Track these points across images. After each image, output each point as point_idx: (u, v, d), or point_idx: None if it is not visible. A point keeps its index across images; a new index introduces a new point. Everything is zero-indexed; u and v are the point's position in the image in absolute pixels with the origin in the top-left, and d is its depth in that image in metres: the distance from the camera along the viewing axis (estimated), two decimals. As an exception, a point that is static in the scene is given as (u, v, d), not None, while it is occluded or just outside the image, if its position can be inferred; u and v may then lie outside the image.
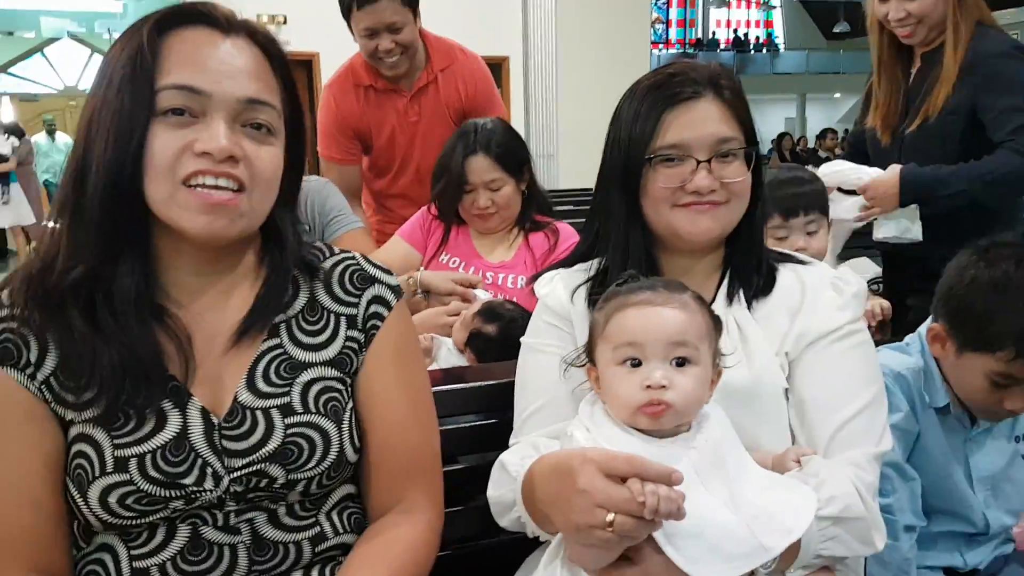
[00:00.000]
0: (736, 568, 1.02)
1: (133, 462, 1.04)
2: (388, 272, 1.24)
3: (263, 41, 1.08)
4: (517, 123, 9.21)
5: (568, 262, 1.42)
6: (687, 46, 22.93)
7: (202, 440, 1.08)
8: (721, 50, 23.09)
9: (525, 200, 2.33)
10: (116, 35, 1.10)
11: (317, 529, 1.14)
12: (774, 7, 23.46)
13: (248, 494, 1.09)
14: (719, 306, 1.30)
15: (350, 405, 1.17)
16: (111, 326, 1.05)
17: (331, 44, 10.41)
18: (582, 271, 1.37)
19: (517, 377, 1.37)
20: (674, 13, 23.02)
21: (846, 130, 13.45)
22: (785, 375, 1.26)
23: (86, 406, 1.06)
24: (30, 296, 1.06)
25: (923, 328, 1.55)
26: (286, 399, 1.12)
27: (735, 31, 23.38)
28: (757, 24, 23.69)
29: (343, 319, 1.18)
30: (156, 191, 1.02)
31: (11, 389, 1.05)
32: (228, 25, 1.06)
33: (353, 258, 1.23)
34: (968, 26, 2.26)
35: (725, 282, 1.33)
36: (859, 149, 2.61)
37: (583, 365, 1.20)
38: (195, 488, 1.06)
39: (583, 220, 1.44)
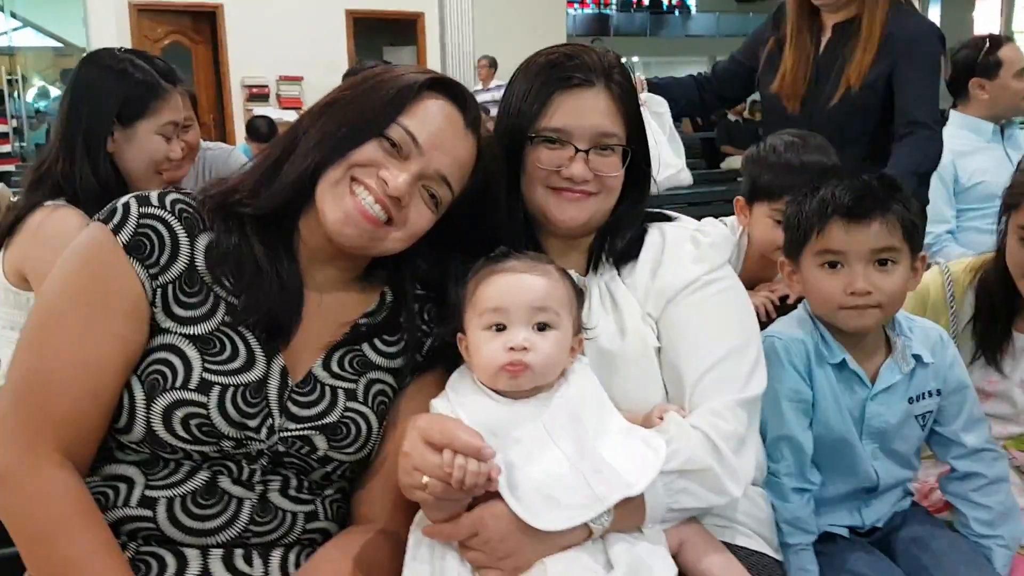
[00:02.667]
0: (570, 517, 1.08)
1: (216, 389, 1.14)
2: None
3: (484, 148, 1.27)
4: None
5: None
6: (602, 6, 22.95)
7: (275, 394, 1.19)
8: (635, 10, 23.19)
9: None
10: None
11: (313, 508, 1.23)
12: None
13: (284, 457, 1.19)
14: (590, 276, 1.35)
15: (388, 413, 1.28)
16: (280, 255, 1.21)
17: (236, 3, 10.05)
18: None
19: None
20: (589, -28, 22.99)
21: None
22: (655, 334, 1.29)
23: (191, 322, 1.16)
24: (214, 203, 1.21)
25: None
26: (352, 386, 1.25)
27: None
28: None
29: (412, 341, 1.30)
30: (331, 173, 1.19)
31: (129, 279, 1.14)
32: (468, 114, 1.24)
33: (432, 297, 1.34)
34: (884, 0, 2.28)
35: (594, 254, 1.36)
36: (724, 79, 2.65)
37: (455, 335, 1.23)
38: (251, 435, 1.16)
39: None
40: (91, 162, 1.84)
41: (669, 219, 1.41)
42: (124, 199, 1.18)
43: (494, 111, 1.49)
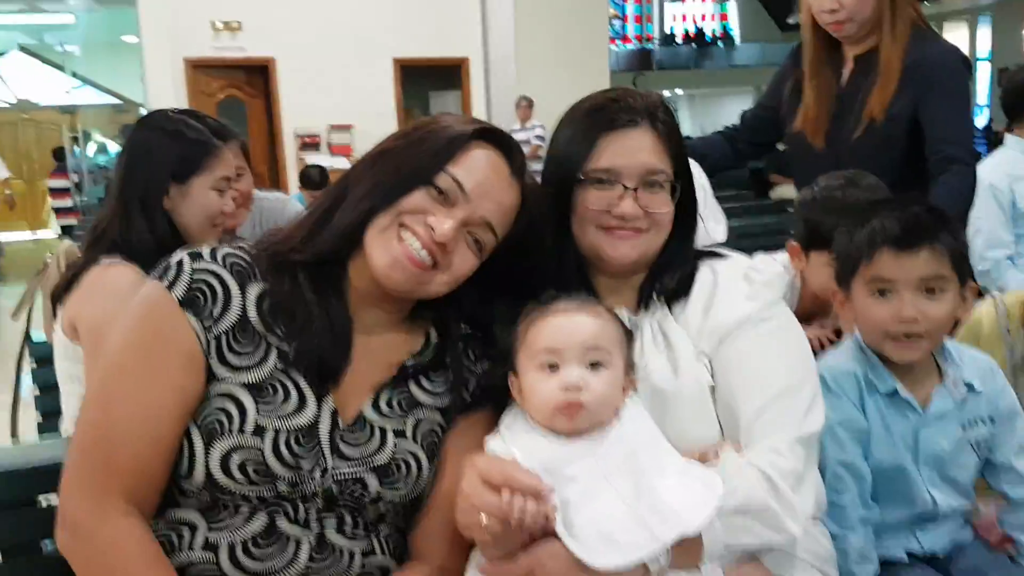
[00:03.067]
0: (627, 556, 1.09)
1: (270, 433, 1.19)
2: None
3: (529, 194, 1.31)
4: (478, 123, 9.12)
5: None
6: (644, 41, 23.07)
7: (327, 436, 1.23)
8: (677, 44, 23.26)
9: None
10: (69, 47, 1.20)
11: (369, 544, 1.26)
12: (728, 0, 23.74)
13: (338, 498, 1.23)
14: (641, 315, 1.36)
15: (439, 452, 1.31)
16: (329, 299, 1.26)
17: (286, 49, 10.35)
18: None
19: None
20: (631, 8, 23.16)
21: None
22: (709, 372, 1.30)
23: (245, 370, 1.21)
24: (268, 254, 1.27)
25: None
26: (401, 425, 1.29)
27: (694, 25, 23.59)
28: (713, 17, 23.90)
29: (459, 379, 1.34)
30: (380, 220, 1.23)
31: (185, 333, 1.20)
32: (513, 162, 1.29)
33: (478, 337, 1.38)
34: (904, 26, 2.24)
35: (646, 293, 1.38)
36: (754, 126, 2.59)
37: (506, 377, 1.26)
38: (305, 475, 1.20)
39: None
40: (148, 220, 1.91)
41: (720, 256, 1.42)
42: (177, 256, 1.24)
43: (527, 149, 1.52)
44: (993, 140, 8.53)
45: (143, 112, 10.72)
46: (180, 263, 1.23)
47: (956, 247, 1.45)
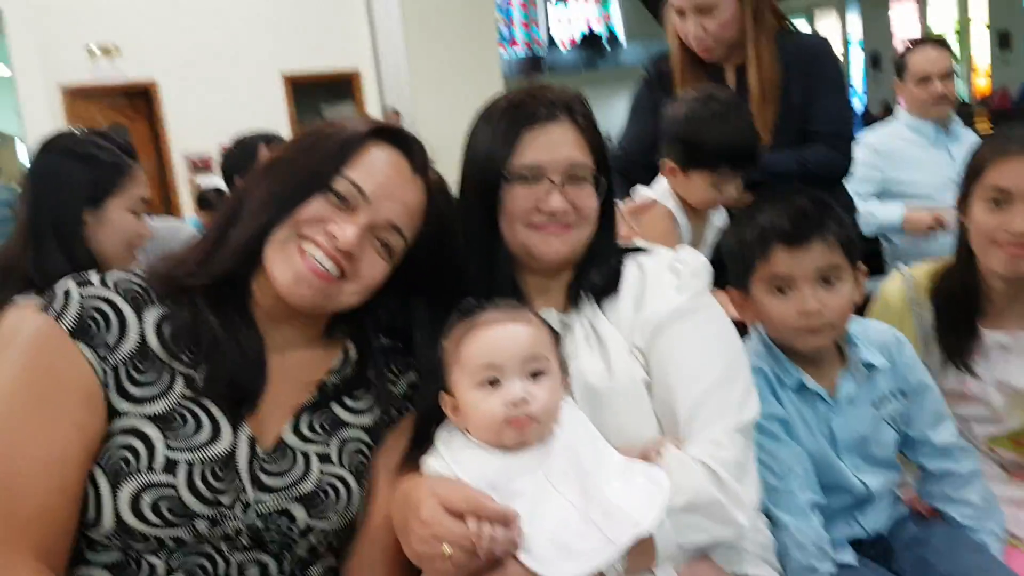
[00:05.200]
0: (585, 564, 1.07)
1: (183, 466, 1.09)
2: None
3: (435, 190, 1.27)
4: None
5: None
6: (533, 46, 23.29)
7: (245, 466, 1.15)
8: (565, 48, 23.58)
9: None
10: None
11: None
12: (609, 1, 24.17)
13: (264, 532, 1.15)
14: (572, 313, 1.35)
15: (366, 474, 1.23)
16: (234, 320, 1.18)
17: (168, 70, 10.04)
18: None
19: None
20: (517, 14, 23.36)
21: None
22: (643, 367, 1.29)
23: (148, 400, 1.12)
24: (162, 278, 1.18)
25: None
26: (325, 448, 1.22)
27: (582, 28, 23.95)
28: (598, 21, 24.32)
29: (383, 395, 1.28)
30: (278, 233, 1.16)
31: (79, 366, 1.10)
32: (414, 159, 1.24)
33: (398, 349, 1.33)
34: (768, 41, 2.27)
35: (574, 290, 1.36)
36: (630, 169, 2.40)
37: (432, 391, 1.21)
38: (226, 510, 1.12)
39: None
40: (64, 249, 1.81)
41: (643, 251, 1.42)
42: (63, 284, 1.14)
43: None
44: (869, 123, 8.95)
45: (20, 146, 10.20)
46: (67, 291, 1.13)
47: (845, 233, 1.48)
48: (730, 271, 1.56)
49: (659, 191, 2.09)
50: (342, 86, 10.36)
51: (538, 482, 1.11)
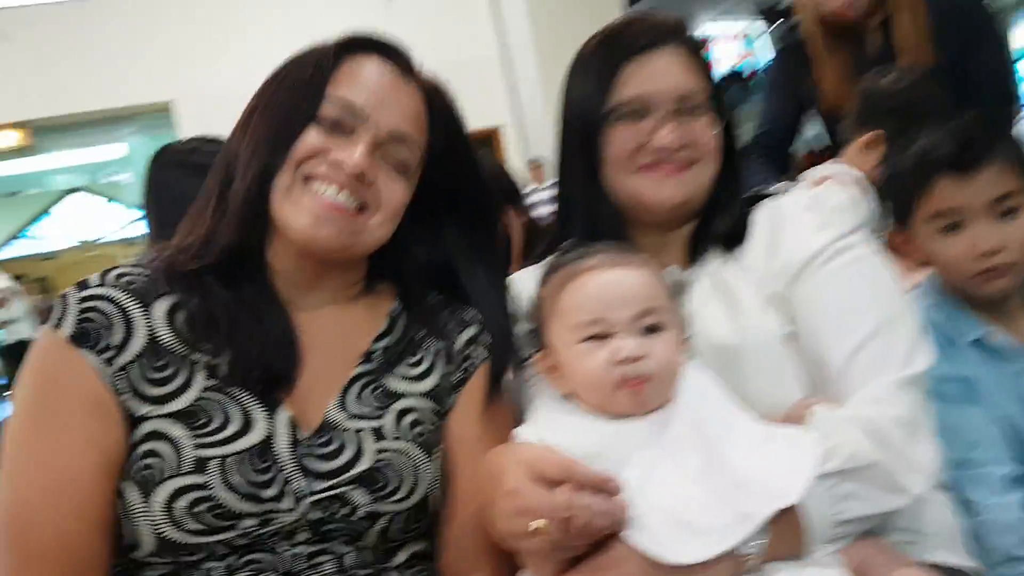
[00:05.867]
0: (712, 544, 0.87)
1: (214, 464, 0.98)
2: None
3: (431, 93, 1.15)
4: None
5: (538, 255, 1.28)
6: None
7: (287, 453, 1.02)
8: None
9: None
10: (122, 177, 1.11)
11: None
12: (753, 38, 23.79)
13: (325, 524, 1.01)
14: (694, 269, 1.19)
15: (441, 445, 1.10)
16: (252, 295, 1.06)
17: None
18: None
19: None
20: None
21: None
22: (784, 320, 1.11)
23: (168, 398, 1.01)
24: (165, 269, 1.07)
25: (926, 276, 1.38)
26: (379, 423, 1.08)
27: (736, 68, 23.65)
28: (741, 57, 24.00)
29: (441, 353, 1.15)
30: (279, 181, 1.05)
31: (82, 374, 1.00)
32: (399, 61, 1.12)
33: (448, 300, 1.20)
34: None
35: (698, 244, 1.20)
36: (772, 148, 2.41)
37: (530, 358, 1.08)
38: (273, 505, 0.97)
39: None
40: None
41: (773, 195, 1.25)
42: (62, 292, 1.06)
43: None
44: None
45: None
46: (64, 296, 1.04)
47: (1021, 153, 1.26)
48: (889, 209, 1.36)
49: (835, 171, 1.88)
50: (484, 142, 10.56)
51: (652, 450, 0.95)
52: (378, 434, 1.08)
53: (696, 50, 1.19)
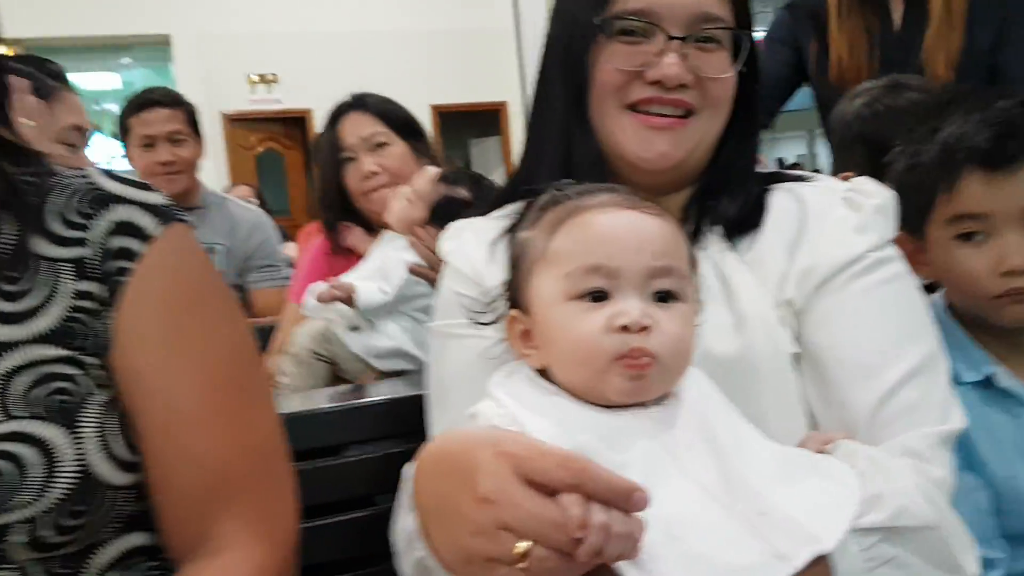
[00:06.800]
0: None
1: None
2: (146, 187, 0.84)
3: None
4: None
5: (489, 205, 1.03)
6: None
7: None
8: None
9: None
10: (113, 107, 0.92)
11: None
12: None
13: None
14: None
15: (99, 397, 0.77)
16: None
17: (323, 100, 10.34)
18: (507, 218, 0.96)
19: (429, 379, 0.97)
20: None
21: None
22: (792, 335, 0.89)
23: None
24: None
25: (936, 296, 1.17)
26: None
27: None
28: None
29: (64, 267, 0.78)
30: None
31: None
32: None
33: (86, 175, 0.82)
34: None
35: (693, 218, 0.95)
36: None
37: (497, 319, 0.83)
38: None
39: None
40: None
41: (801, 179, 1.01)
42: None
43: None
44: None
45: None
46: None
47: None
48: (901, 208, 1.18)
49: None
50: (489, 118, 10.36)
51: (654, 454, 0.70)
52: None
53: None
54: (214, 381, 0.81)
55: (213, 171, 8.88)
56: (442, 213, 1.51)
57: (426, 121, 10.11)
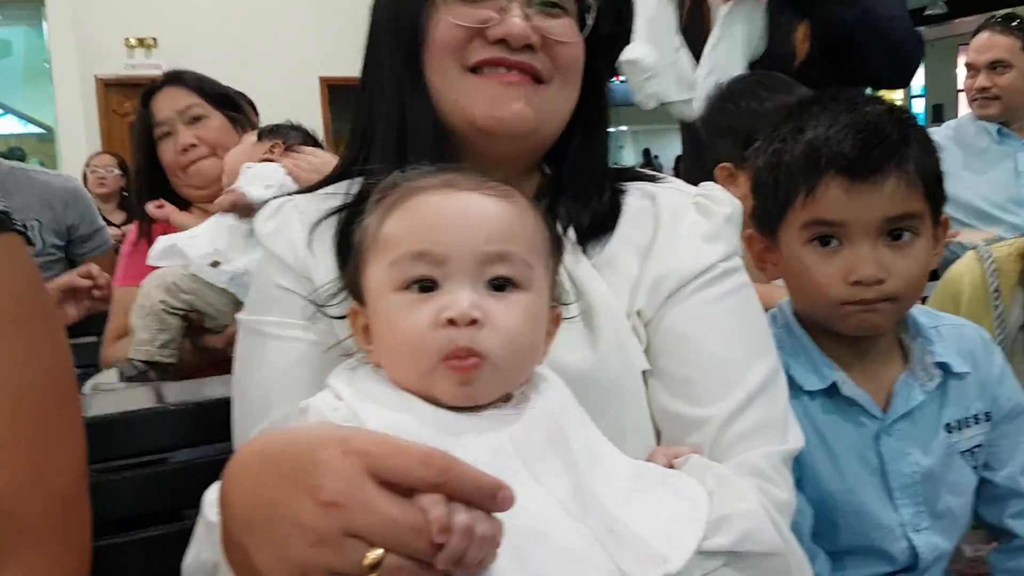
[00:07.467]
0: None
1: None
2: None
3: None
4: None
5: (315, 184, 0.97)
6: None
7: None
8: (621, 81, 23.42)
9: None
10: None
11: None
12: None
13: None
14: None
15: None
16: None
17: (203, 66, 9.95)
18: (334, 196, 0.90)
19: (235, 378, 0.89)
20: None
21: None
22: (642, 347, 0.85)
23: None
24: None
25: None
26: None
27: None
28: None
29: None
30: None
31: None
32: None
33: None
34: None
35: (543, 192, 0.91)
36: None
37: (338, 312, 0.78)
38: None
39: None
40: None
41: (651, 179, 0.97)
42: None
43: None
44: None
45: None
46: None
47: (931, 165, 1.03)
48: (755, 205, 1.11)
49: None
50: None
51: (502, 458, 0.65)
52: None
53: None
54: (19, 409, 0.71)
55: (85, 137, 8.48)
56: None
57: (315, 94, 9.92)
